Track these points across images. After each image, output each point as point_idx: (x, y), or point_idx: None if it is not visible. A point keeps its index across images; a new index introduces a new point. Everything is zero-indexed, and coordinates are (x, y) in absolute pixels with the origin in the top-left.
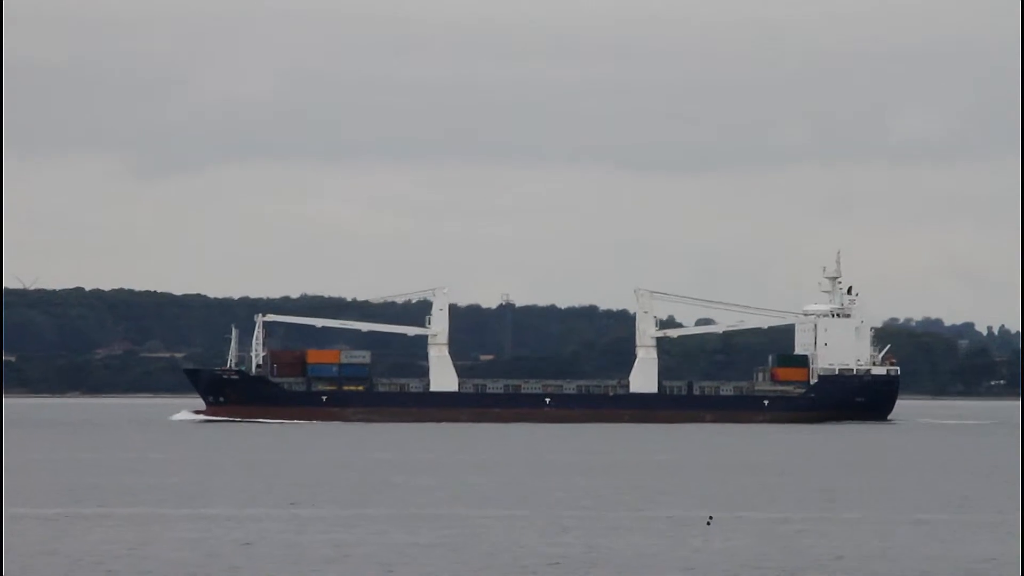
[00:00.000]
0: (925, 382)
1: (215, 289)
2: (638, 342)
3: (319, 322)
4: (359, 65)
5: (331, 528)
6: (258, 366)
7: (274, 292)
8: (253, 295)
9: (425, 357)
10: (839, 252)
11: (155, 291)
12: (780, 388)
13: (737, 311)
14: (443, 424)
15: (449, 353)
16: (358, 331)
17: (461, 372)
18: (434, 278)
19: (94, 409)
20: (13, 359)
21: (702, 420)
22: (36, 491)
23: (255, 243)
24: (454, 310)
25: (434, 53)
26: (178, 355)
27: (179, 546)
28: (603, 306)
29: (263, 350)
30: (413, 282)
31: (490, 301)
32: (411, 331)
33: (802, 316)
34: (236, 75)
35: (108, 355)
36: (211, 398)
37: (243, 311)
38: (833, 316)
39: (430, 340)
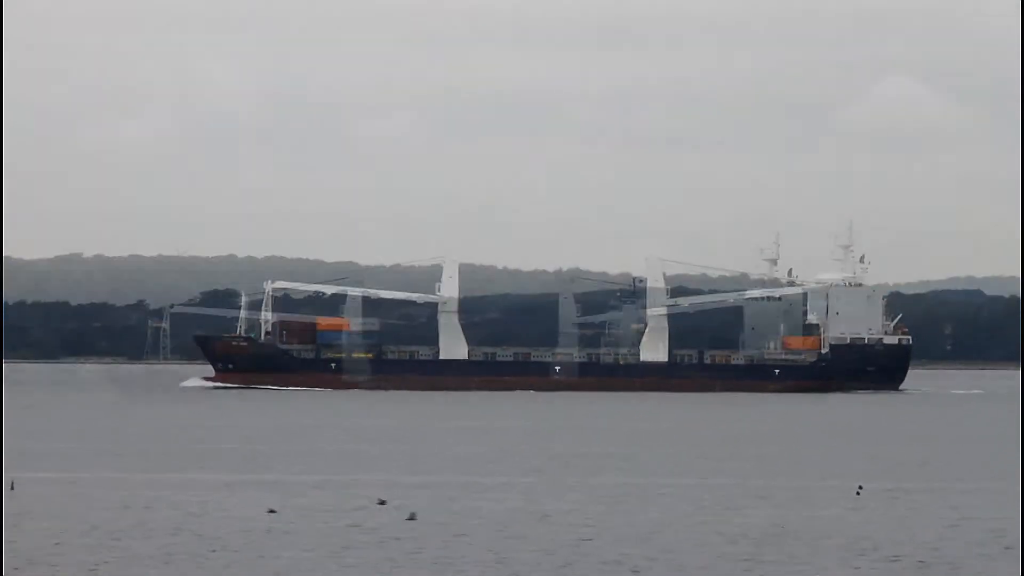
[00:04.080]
0: None
1: (366, 257)
2: (649, 311)
3: (329, 289)
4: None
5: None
6: (267, 333)
7: (425, 260)
8: (405, 263)
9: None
10: (851, 220)
11: (307, 259)
12: (791, 357)
13: (751, 280)
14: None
15: (459, 322)
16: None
17: (607, 341)
18: (582, 250)
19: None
20: (166, 326)
21: (712, 389)
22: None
23: (410, 212)
24: (605, 279)
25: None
26: None
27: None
28: (754, 274)
29: (272, 317)
30: (556, 256)
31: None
32: (420, 298)
33: (814, 285)
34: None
35: None
36: (220, 365)
37: (393, 280)
38: (845, 285)
39: (440, 307)
